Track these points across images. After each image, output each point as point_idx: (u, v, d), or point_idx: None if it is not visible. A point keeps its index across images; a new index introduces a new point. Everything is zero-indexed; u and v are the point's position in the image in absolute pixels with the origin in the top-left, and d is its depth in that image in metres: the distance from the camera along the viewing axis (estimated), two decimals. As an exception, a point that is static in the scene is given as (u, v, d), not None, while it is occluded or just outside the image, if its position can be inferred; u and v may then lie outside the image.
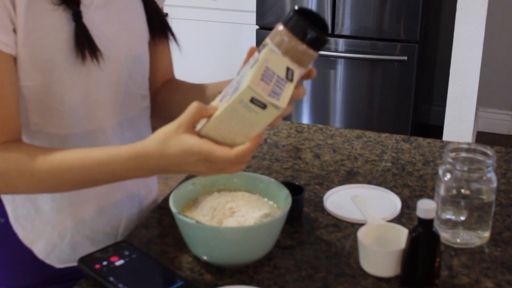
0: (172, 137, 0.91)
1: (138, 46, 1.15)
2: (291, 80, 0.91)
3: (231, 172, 0.93)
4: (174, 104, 1.22)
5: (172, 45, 1.24)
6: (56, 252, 1.15)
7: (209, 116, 0.91)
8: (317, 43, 0.90)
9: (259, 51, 0.94)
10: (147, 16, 1.17)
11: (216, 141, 0.91)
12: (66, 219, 1.13)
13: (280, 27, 0.90)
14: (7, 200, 1.11)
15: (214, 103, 0.94)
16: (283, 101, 0.88)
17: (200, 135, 0.92)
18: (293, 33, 0.89)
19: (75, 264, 1.15)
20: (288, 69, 0.91)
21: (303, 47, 0.90)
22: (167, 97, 1.24)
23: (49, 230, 1.13)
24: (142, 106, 1.19)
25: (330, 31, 3.17)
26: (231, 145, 0.90)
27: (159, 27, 1.19)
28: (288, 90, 0.90)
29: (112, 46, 1.08)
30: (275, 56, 0.90)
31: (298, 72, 0.92)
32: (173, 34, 1.21)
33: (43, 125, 1.05)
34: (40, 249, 1.14)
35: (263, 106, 0.86)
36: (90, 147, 1.00)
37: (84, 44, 1.01)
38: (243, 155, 0.89)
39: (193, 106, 0.91)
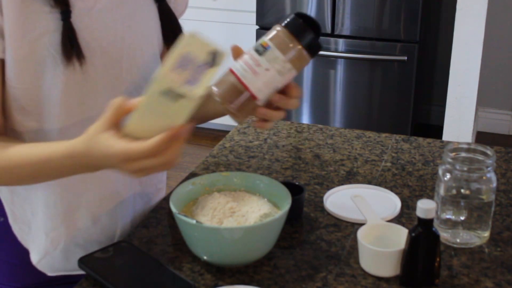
0: (94, 137, 0.89)
1: (145, 53, 1.13)
2: (216, 65, 0.86)
3: (161, 169, 0.89)
4: None
5: None
6: (48, 259, 1.13)
7: (132, 110, 0.88)
8: (313, 48, 0.93)
9: (258, 53, 0.93)
10: (162, 26, 1.15)
11: (142, 137, 0.86)
12: (59, 227, 1.12)
13: (279, 28, 0.92)
14: (7, 201, 1.11)
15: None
16: (200, 87, 0.83)
17: (125, 132, 0.88)
18: (292, 35, 0.91)
19: (67, 273, 1.15)
20: (212, 52, 0.87)
21: (300, 48, 0.92)
22: None
23: (42, 236, 1.12)
24: None
25: (329, 32, 3.17)
26: None
27: (175, 38, 1.15)
28: (210, 74, 0.85)
29: (114, 51, 1.06)
30: (195, 41, 0.87)
31: (223, 56, 0.88)
32: None
33: (39, 127, 1.04)
34: (34, 253, 1.13)
35: (179, 96, 0.82)
36: (36, 143, 1.00)
37: (66, 45, 0.99)
38: (159, 145, 0.85)
39: (114, 102, 0.88)
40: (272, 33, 0.94)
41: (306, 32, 0.92)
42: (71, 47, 0.99)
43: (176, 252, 1.08)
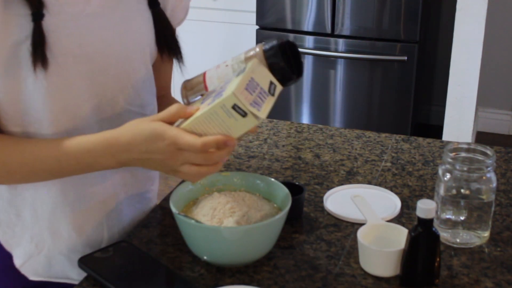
0: (143, 123, 0.94)
1: (135, 61, 1.09)
2: (273, 95, 0.95)
3: (197, 172, 0.93)
4: None
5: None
6: (31, 263, 1.12)
7: (187, 117, 0.94)
8: (285, 81, 0.99)
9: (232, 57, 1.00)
10: (156, 34, 1.13)
11: None
12: (44, 232, 1.10)
13: (258, 48, 0.99)
14: None
15: (195, 105, 0.97)
16: (263, 112, 0.91)
17: None
18: (267, 62, 0.98)
19: (50, 279, 1.13)
20: (271, 83, 0.96)
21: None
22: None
23: (27, 239, 1.10)
24: None
25: (329, 32, 3.17)
26: None
27: (168, 47, 1.15)
28: (269, 103, 0.94)
29: (100, 59, 1.03)
30: (260, 69, 0.96)
31: (279, 88, 0.97)
32: (181, 58, 1.17)
33: (23, 132, 1.02)
34: (18, 256, 1.12)
35: (244, 114, 0.89)
36: (55, 138, 1.00)
37: (36, 48, 0.96)
38: (210, 143, 0.90)
39: (174, 106, 0.94)
40: (253, 48, 1.01)
41: (275, 53, 0.98)
42: (34, 51, 0.95)
43: (176, 252, 1.08)
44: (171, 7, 1.15)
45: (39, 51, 0.96)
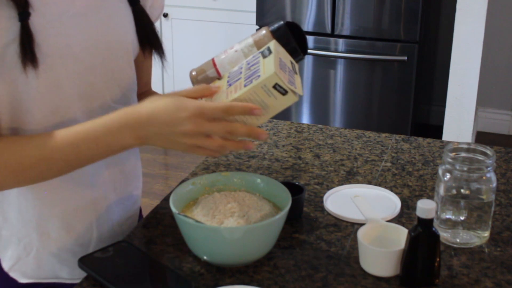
0: (164, 96, 0.94)
1: (119, 59, 1.09)
2: (296, 73, 0.97)
3: (216, 146, 0.93)
4: None
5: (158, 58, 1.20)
6: (20, 265, 1.12)
7: (211, 95, 0.95)
8: (294, 59, 1.02)
9: (238, 42, 1.03)
10: (138, 30, 1.13)
11: None
12: (32, 233, 1.10)
13: (265, 30, 1.02)
14: None
15: (219, 84, 0.99)
16: (299, 89, 0.93)
17: None
18: (272, 35, 1.01)
19: (39, 280, 1.13)
20: (291, 62, 0.98)
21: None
22: None
23: (15, 241, 1.10)
24: None
25: (329, 32, 3.17)
26: None
27: (149, 43, 1.15)
28: (298, 80, 0.96)
29: (88, 58, 1.03)
30: (281, 49, 0.98)
31: (297, 66, 0.99)
32: (163, 53, 1.17)
33: (10, 130, 1.01)
34: (6, 260, 1.12)
35: (284, 92, 0.90)
36: (70, 127, 0.99)
37: (25, 48, 0.95)
38: (236, 108, 0.91)
39: (198, 85, 0.96)
40: (259, 31, 1.04)
41: (284, 33, 1.02)
42: (23, 51, 0.95)
43: (176, 252, 1.08)
44: (150, 4, 1.16)
45: (28, 50, 0.95)
